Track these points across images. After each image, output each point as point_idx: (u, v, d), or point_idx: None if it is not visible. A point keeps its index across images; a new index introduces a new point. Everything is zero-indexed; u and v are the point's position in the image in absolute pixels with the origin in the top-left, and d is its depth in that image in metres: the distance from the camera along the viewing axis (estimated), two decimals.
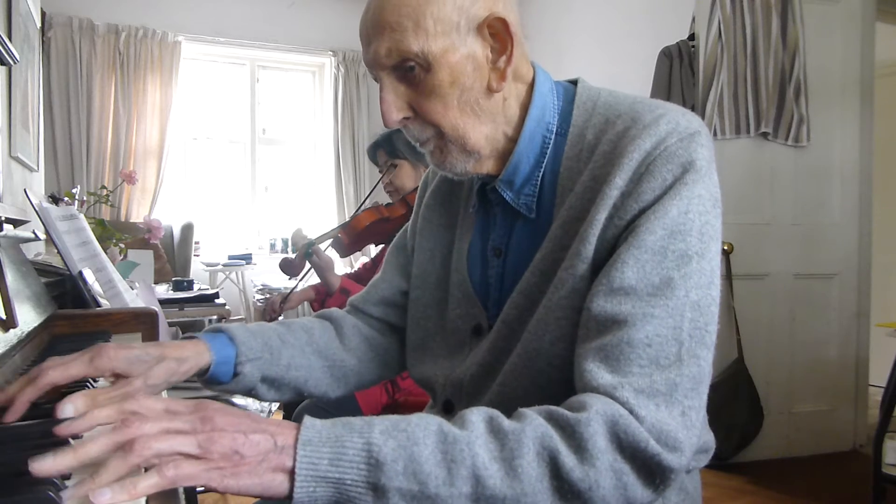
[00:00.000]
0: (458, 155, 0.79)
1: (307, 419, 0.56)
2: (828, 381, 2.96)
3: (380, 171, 2.06)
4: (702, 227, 0.69)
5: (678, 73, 2.90)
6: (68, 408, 0.60)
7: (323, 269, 1.84)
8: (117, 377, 0.72)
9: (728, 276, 2.81)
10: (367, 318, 1.01)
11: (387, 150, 1.97)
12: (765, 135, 2.84)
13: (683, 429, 0.62)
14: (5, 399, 0.65)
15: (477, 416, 0.59)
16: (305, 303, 2.07)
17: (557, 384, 0.74)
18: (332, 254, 2.06)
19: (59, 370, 0.68)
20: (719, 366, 2.78)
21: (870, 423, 2.92)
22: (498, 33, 0.76)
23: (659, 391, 0.62)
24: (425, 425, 0.57)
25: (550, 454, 0.57)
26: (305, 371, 0.91)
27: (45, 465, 0.47)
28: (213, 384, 0.84)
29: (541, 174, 0.81)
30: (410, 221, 1.03)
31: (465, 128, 0.77)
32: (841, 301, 2.99)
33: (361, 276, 2.14)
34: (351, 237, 1.98)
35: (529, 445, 0.57)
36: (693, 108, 2.83)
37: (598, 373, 0.64)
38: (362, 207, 2.05)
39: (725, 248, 2.81)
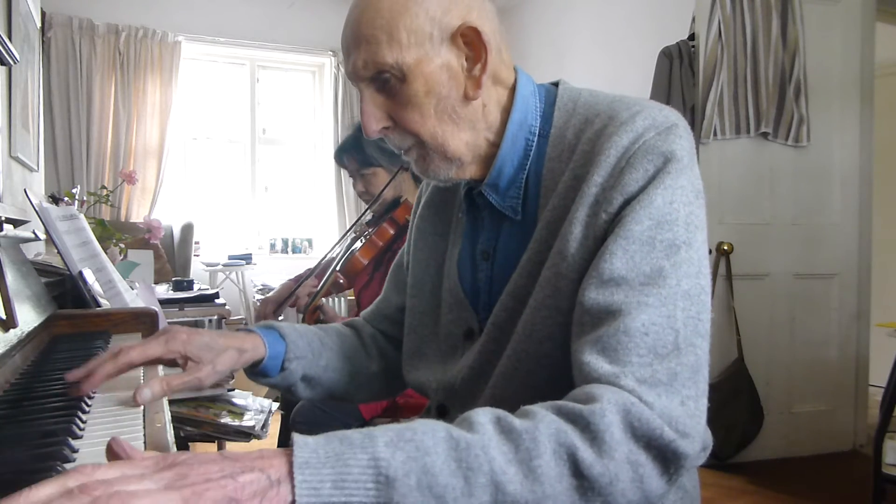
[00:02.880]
0: (440, 162, 0.80)
1: (297, 438, 0.50)
2: (828, 381, 2.96)
3: (350, 176, 1.95)
4: (687, 217, 0.69)
5: (678, 73, 2.90)
6: (146, 392, 0.69)
7: (331, 321, 1.77)
8: (186, 361, 0.78)
9: (728, 276, 2.81)
10: (378, 331, 1.06)
11: (358, 158, 1.85)
12: (765, 135, 2.84)
13: (688, 417, 0.61)
14: (85, 372, 0.71)
15: (484, 418, 0.56)
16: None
17: (548, 385, 0.74)
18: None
19: (137, 350, 0.74)
20: (719, 366, 2.78)
21: (870, 423, 2.92)
22: (472, 42, 0.76)
23: (660, 381, 0.61)
24: (433, 432, 0.53)
25: (568, 451, 0.55)
26: (338, 374, 0.96)
27: None
28: (261, 377, 0.89)
29: (525, 176, 0.82)
30: (407, 236, 1.04)
31: (444, 136, 0.78)
32: (841, 301, 2.99)
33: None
34: (351, 278, 1.88)
35: (545, 444, 0.54)
36: (693, 108, 2.83)
37: (597, 364, 0.63)
38: (351, 246, 1.91)
39: (726, 247, 2.81)
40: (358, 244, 1.88)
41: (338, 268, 1.85)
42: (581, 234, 0.72)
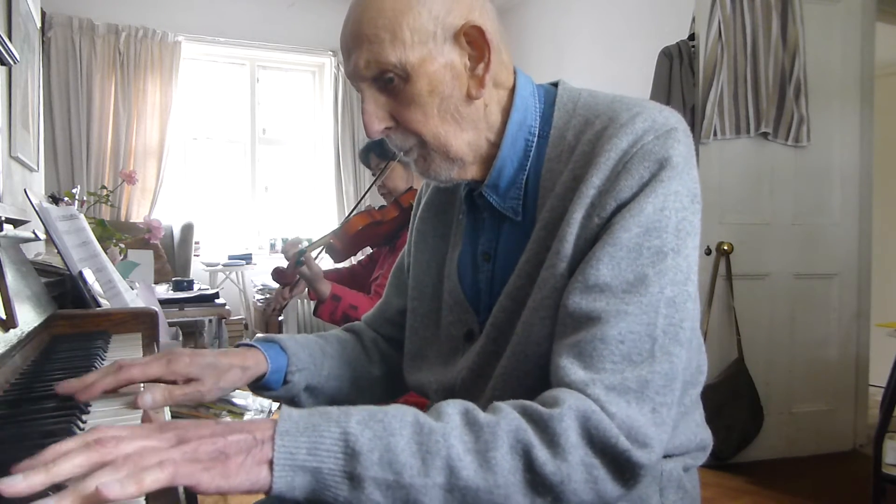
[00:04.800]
0: (442, 163, 0.80)
1: (284, 410, 0.57)
2: (828, 381, 2.96)
3: (373, 175, 2.06)
4: (678, 224, 0.69)
5: (678, 73, 2.90)
6: (147, 398, 0.71)
7: (312, 279, 1.84)
8: (188, 381, 0.78)
9: (728, 276, 2.81)
10: (379, 335, 1.06)
11: (377, 152, 1.98)
12: (765, 135, 2.84)
13: (653, 426, 0.62)
14: (83, 385, 0.71)
15: (453, 409, 0.61)
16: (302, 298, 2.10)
17: (548, 386, 0.74)
18: (327, 260, 2.08)
19: (138, 368, 0.74)
20: (719, 366, 2.78)
21: (870, 423, 2.92)
22: (475, 41, 0.76)
23: (630, 388, 0.63)
24: (401, 416, 0.58)
25: (524, 447, 0.58)
26: (340, 381, 0.96)
27: (16, 484, 0.45)
28: (264, 390, 0.89)
29: (525, 177, 0.81)
30: (407, 238, 1.04)
31: (447, 136, 0.78)
32: (841, 301, 2.98)
33: (356, 273, 2.14)
34: (344, 242, 1.99)
35: (504, 438, 0.58)
36: (693, 108, 2.82)
37: (571, 369, 0.65)
38: (355, 212, 2.05)
39: (726, 247, 2.81)
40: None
41: (334, 231, 1.97)
42: (576, 235, 0.72)
